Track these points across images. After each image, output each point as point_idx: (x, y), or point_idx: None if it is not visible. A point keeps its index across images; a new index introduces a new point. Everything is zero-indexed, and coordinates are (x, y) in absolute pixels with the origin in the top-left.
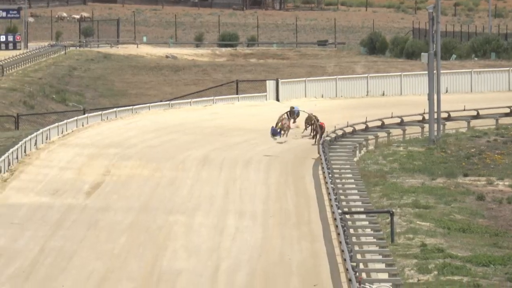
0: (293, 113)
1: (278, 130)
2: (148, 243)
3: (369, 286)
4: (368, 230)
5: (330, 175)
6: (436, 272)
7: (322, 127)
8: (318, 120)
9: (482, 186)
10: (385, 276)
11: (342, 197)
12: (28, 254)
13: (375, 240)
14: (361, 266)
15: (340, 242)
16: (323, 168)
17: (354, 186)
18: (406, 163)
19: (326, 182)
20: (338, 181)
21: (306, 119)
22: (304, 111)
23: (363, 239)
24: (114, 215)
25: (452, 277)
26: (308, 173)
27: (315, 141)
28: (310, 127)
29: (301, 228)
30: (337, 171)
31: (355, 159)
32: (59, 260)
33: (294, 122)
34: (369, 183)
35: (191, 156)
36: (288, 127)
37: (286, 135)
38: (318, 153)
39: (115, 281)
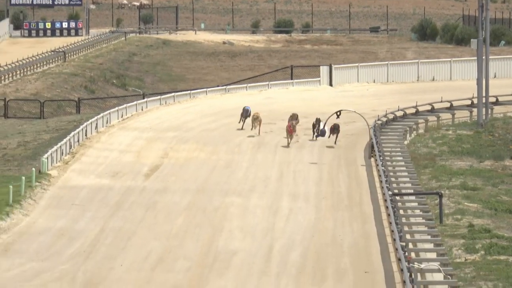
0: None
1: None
2: (204, 224)
3: (418, 265)
4: (418, 211)
5: (381, 158)
6: (483, 252)
7: (337, 127)
8: (319, 121)
9: None
10: (433, 255)
11: (393, 179)
12: (89, 234)
13: (424, 220)
14: (410, 246)
15: (390, 223)
16: (374, 151)
17: (404, 168)
18: (455, 146)
19: (377, 165)
20: (388, 163)
21: (291, 117)
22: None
23: (412, 220)
24: (172, 196)
25: (498, 256)
26: (359, 156)
27: (335, 141)
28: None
29: (352, 210)
30: (388, 154)
31: (405, 142)
32: (118, 240)
33: (244, 120)
34: (418, 165)
35: (246, 140)
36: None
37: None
38: (369, 157)
39: (172, 260)
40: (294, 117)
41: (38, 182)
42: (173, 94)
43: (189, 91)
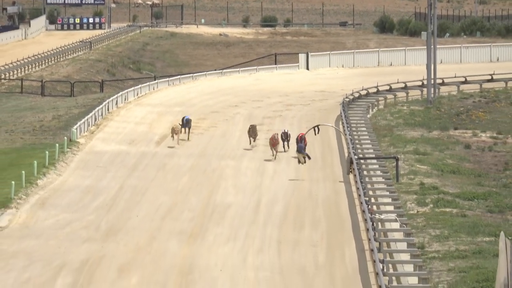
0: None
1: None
2: (204, 182)
3: (379, 216)
4: (378, 172)
5: (349, 129)
6: (431, 205)
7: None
8: (288, 134)
9: (469, 137)
10: (391, 208)
11: (358, 146)
12: (110, 191)
13: (383, 180)
14: (372, 200)
15: (356, 182)
16: (343, 123)
17: (367, 137)
18: (409, 119)
19: (345, 134)
20: (354, 133)
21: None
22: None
23: (374, 179)
24: (178, 160)
25: (444, 209)
26: (331, 128)
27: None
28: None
29: (325, 171)
30: (354, 125)
31: (368, 116)
32: (134, 195)
33: (184, 128)
34: (379, 135)
35: (239, 113)
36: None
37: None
38: (347, 173)
39: (179, 212)
40: (254, 130)
41: (69, 148)
42: (179, 76)
43: (192, 74)
